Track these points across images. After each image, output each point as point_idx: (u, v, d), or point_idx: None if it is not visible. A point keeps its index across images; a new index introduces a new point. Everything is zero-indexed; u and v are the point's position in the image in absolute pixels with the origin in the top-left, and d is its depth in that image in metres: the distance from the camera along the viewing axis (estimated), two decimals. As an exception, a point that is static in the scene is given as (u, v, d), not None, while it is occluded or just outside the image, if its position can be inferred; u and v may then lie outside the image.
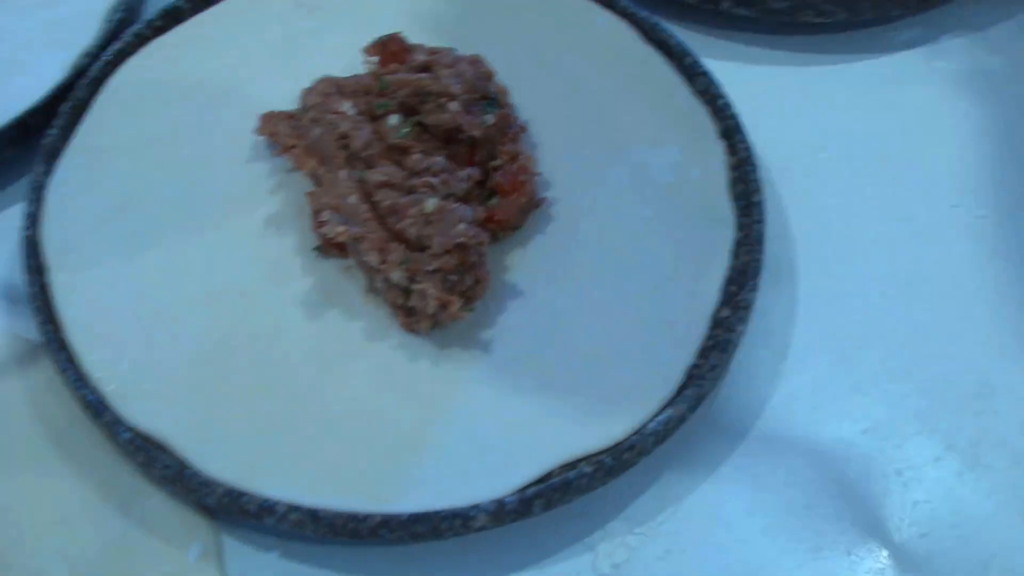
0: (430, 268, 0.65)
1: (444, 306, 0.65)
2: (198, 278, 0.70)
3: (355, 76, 0.73)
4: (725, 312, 0.68)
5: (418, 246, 0.66)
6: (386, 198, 0.67)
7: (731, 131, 0.74)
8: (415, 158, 0.69)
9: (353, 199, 0.67)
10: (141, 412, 0.65)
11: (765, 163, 0.75)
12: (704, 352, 0.66)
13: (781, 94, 0.81)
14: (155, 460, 0.63)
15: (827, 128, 0.79)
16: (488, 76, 0.74)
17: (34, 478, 0.66)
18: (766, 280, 0.69)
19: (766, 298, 0.70)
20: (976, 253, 0.73)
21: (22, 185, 0.74)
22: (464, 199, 0.69)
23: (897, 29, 0.84)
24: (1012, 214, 0.75)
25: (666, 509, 0.65)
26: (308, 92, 0.73)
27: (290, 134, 0.73)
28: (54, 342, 0.67)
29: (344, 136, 0.69)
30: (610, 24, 0.80)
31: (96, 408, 0.64)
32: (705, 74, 0.76)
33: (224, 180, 0.74)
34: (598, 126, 0.76)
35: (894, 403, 0.68)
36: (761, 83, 0.81)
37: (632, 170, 0.74)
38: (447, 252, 0.65)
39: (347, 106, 0.70)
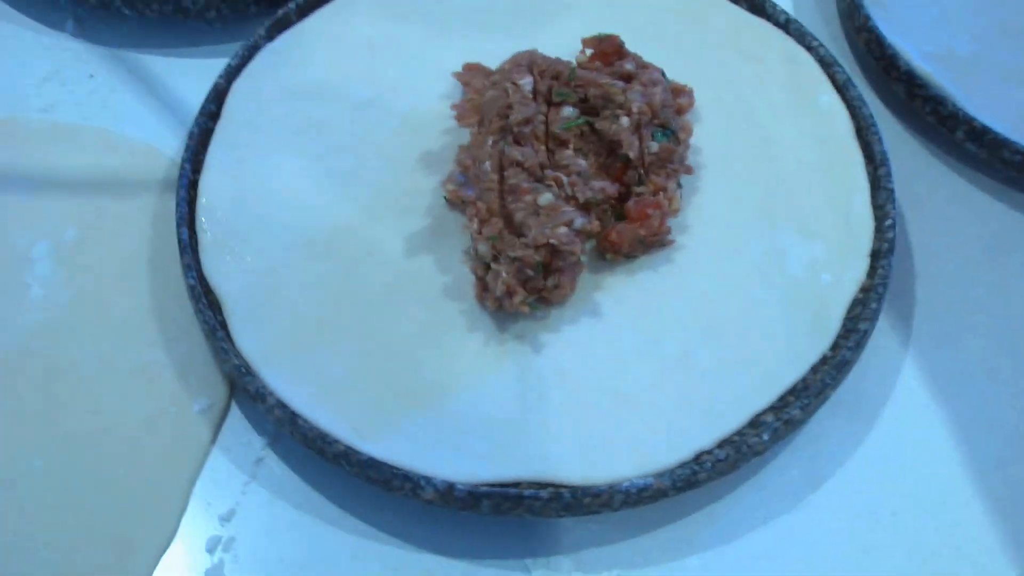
0: (513, 254, 0.66)
1: (510, 294, 0.67)
2: (332, 186, 0.75)
3: (556, 59, 0.75)
4: (768, 417, 0.66)
5: (517, 232, 0.68)
6: (514, 177, 0.69)
7: (881, 254, 0.71)
8: (565, 153, 0.71)
9: (487, 166, 0.70)
10: (216, 265, 0.70)
11: (907, 294, 0.73)
12: (722, 443, 0.65)
13: (970, 242, 0.76)
14: (202, 311, 0.68)
15: (993, 292, 0.74)
16: (677, 107, 0.74)
17: (117, 288, 0.73)
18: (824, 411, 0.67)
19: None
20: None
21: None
22: (587, 207, 0.70)
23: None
24: None
25: (614, 570, 0.65)
26: (510, 59, 0.76)
27: (478, 88, 0.76)
28: (186, 180, 0.73)
29: (509, 106, 0.71)
30: (830, 106, 0.78)
31: (183, 246, 0.70)
32: (889, 190, 0.73)
33: (400, 115, 0.78)
34: (763, 196, 0.74)
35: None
36: (961, 224, 0.77)
37: (769, 250, 0.72)
38: (537, 247, 0.66)
39: (527, 81, 0.72)
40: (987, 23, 0.82)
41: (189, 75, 0.83)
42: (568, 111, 0.72)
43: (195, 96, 0.80)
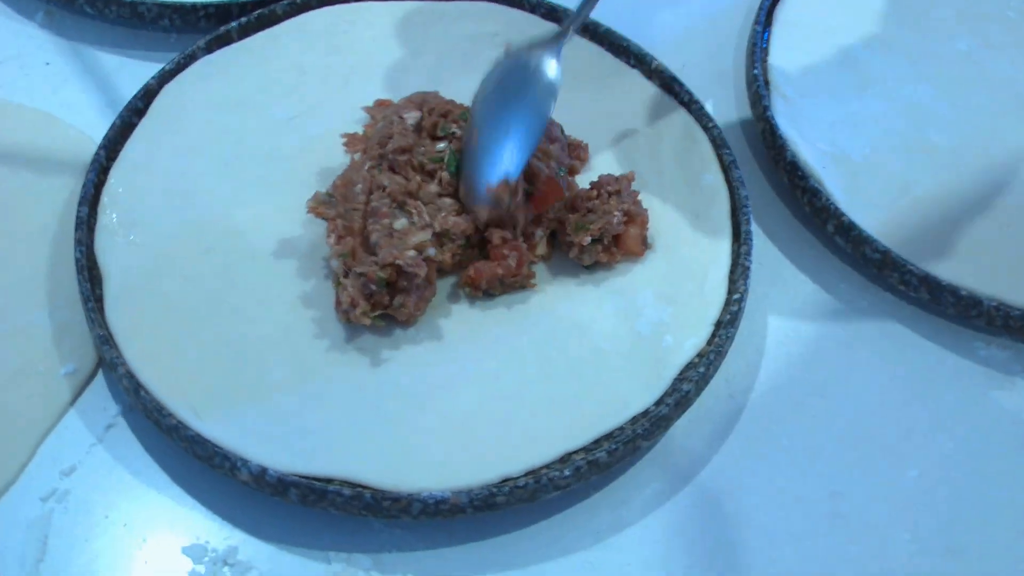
0: (360, 269, 0.72)
1: (354, 305, 0.73)
2: (233, 192, 0.81)
3: (451, 100, 0.81)
4: (578, 456, 0.70)
5: (371, 251, 0.73)
6: (377, 200, 0.75)
7: (723, 324, 0.76)
8: (430, 188, 0.76)
9: (358, 188, 0.76)
10: (104, 245, 0.77)
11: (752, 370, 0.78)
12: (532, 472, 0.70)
13: (824, 329, 0.81)
14: (82, 283, 0.75)
15: (833, 379, 0.78)
16: (570, 166, 0.81)
17: (15, 253, 0.80)
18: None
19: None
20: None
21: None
22: (441, 238, 0.75)
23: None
24: None
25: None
26: (408, 97, 0.82)
27: (377, 120, 0.82)
28: (99, 163, 0.80)
29: (389, 136, 0.77)
30: (713, 184, 0.83)
31: (78, 222, 0.77)
32: (746, 267, 0.78)
33: (312, 134, 0.85)
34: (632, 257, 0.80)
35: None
36: (819, 310, 0.83)
37: (625, 308, 0.77)
38: (383, 265, 0.72)
39: (412, 115, 0.78)
40: (885, 133, 0.87)
41: (137, 76, 0.90)
42: (443, 145, 0.78)
43: (131, 93, 0.87)
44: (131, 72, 0.91)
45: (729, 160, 0.83)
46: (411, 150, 0.77)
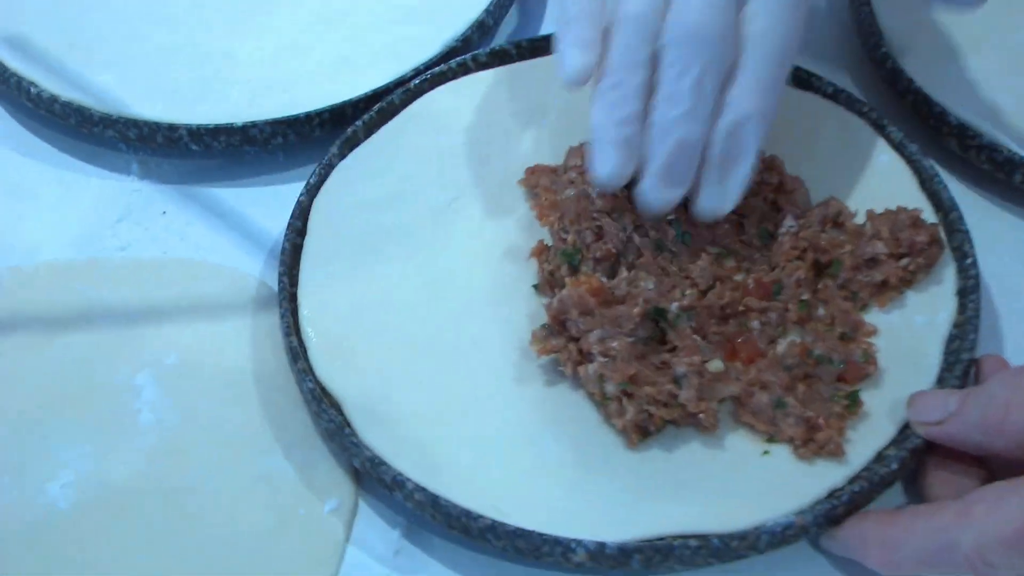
0: (650, 409, 0.72)
1: (623, 430, 0.73)
2: (425, 285, 0.81)
3: None
4: (891, 450, 0.71)
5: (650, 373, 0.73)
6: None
7: (968, 290, 0.77)
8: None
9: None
10: (329, 370, 0.76)
11: (1000, 333, 0.80)
12: (854, 479, 0.70)
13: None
14: (324, 413, 0.73)
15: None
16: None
17: (226, 403, 0.78)
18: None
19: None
20: None
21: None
22: None
23: None
24: None
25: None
26: (573, 152, 0.83)
27: (547, 187, 0.83)
28: (285, 293, 0.79)
29: (597, 217, 0.77)
30: (891, 164, 0.85)
31: (295, 354, 0.76)
32: (964, 232, 0.80)
33: (479, 209, 0.85)
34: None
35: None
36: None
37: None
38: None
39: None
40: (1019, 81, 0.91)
41: (258, 203, 0.90)
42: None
43: (267, 221, 0.88)
44: (250, 201, 0.91)
45: (898, 138, 0.86)
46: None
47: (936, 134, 0.89)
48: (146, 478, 0.74)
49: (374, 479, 0.72)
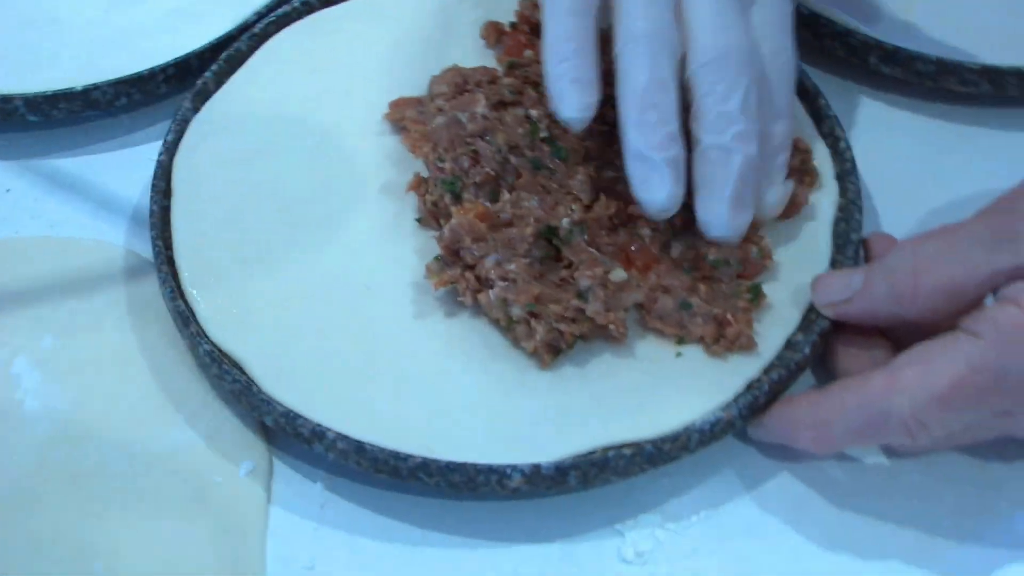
0: (558, 326, 0.71)
1: (534, 351, 0.72)
2: (304, 228, 0.78)
3: (480, 67, 0.81)
4: (799, 336, 0.72)
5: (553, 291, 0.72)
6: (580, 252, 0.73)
7: (846, 173, 0.79)
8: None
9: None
10: (223, 330, 0.73)
11: (876, 211, 0.81)
12: (768, 369, 0.71)
13: (908, 153, 0.86)
14: (226, 374, 0.70)
15: (949, 193, 0.83)
16: None
17: (116, 380, 0.75)
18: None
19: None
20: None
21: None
22: None
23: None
24: None
25: (701, 511, 0.70)
26: (436, 80, 0.82)
27: (415, 119, 0.81)
28: (162, 257, 0.75)
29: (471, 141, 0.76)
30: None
31: (185, 318, 0.73)
32: (832, 117, 0.82)
33: (348, 149, 0.82)
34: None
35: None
36: (891, 141, 0.87)
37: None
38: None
39: (481, 106, 0.77)
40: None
41: (109, 170, 0.86)
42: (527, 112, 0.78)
43: (121, 187, 0.85)
44: (99, 168, 0.86)
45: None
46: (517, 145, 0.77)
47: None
48: (45, 468, 0.71)
49: (290, 434, 0.69)
